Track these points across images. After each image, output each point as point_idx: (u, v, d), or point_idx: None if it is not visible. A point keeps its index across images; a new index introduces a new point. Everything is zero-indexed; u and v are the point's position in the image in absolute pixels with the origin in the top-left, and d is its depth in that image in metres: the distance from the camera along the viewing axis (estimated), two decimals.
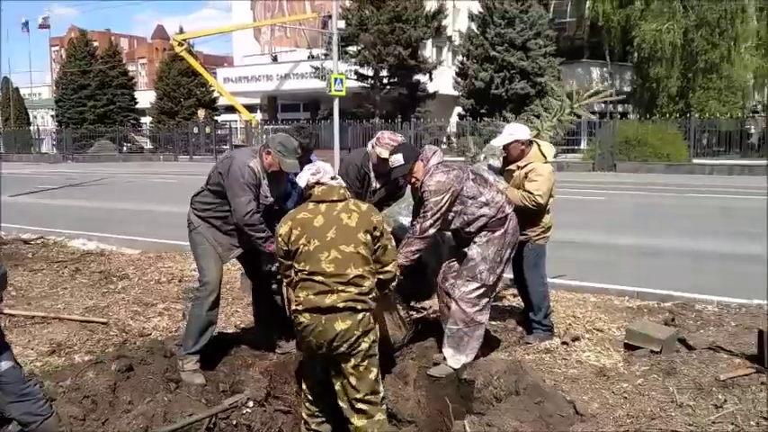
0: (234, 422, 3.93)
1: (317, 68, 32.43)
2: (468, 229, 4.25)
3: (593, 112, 39.29)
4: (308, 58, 37.24)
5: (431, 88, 34.22)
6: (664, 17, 32.04)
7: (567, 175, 21.04)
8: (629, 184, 19.50)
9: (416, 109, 33.71)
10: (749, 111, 33.21)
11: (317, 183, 3.55)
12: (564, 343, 4.97)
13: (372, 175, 4.81)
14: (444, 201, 4.12)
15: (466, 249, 4.30)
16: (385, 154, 4.57)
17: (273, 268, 4.32)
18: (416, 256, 4.23)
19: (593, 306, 6.11)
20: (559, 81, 33.90)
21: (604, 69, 38.56)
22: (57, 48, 72.03)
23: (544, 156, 4.88)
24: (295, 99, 44.84)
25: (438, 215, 4.14)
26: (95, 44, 53.30)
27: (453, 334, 4.29)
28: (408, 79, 33.21)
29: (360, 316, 3.41)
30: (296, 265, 3.47)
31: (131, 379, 4.03)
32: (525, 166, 4.84)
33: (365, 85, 32.98)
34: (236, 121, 45.52)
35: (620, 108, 37.79)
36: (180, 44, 40.29)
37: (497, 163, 5.16)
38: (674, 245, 9.50)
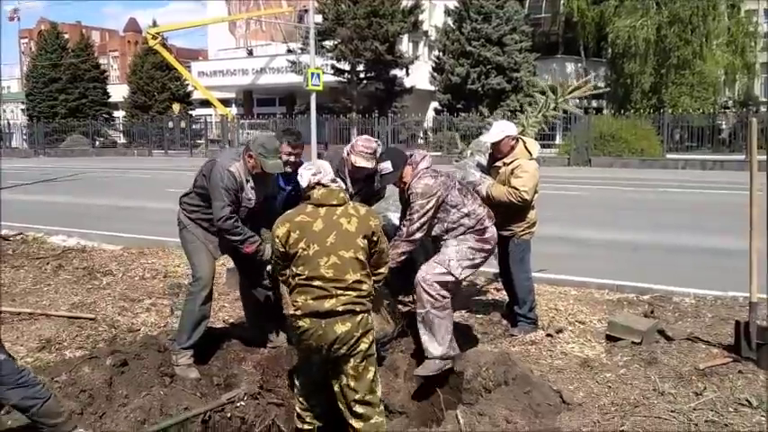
0: (228, 415, 4.01)
1: (293, 63, 32.33)
2: (445, 237, 4.32)
3: (566, 111, 39.80)
4: (286, 52, 37.07)
5: (407, 83, 34.30)
6: (637, 13, 32.51)
7: (543, 170, 20.78)
8: (605, 179, 19.78)
9: (393, 104, 33.78)
10: (720, 106, 33.79)
11: (318, 183, 3.55)
12: (548, 335, 5.10)
13: (348, 181, 4.73)
14: (430, 205, 4.17)
15: (441, 243, 4.37)
16: (360, 162, 4.57)
17: (269, 268, 4.36)
18: (403, 258, 4.29)
19: (575, 299, 6.26)
20: (535, 76, 34.28)
21: (579, 65, 38.93)
22: (26, 40, 70.75)
23: (529, 152, 4.98)
24: (271, 93, 44.63)
25: (425, 219, 4.20)
26: (66, 37, 52.47)
27: (423, 318, 4.27)
28: (385, 74, 33.26)
29: (359, 318, 3.46)
30: (293, 269, 3.49)
31: (126, 374, 4.08)
32: (511, 162, 4.93)
33: (342, 79, 32.96)
34: (210, 115, 45.26)
35: (594, 104, 38.21)
36: (154, 37, 39.86)
37: (483, 160, 5.27)
38: (650, 239, 9.71)
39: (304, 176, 3.60)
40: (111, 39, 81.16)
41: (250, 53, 42.26)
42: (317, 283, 3.42)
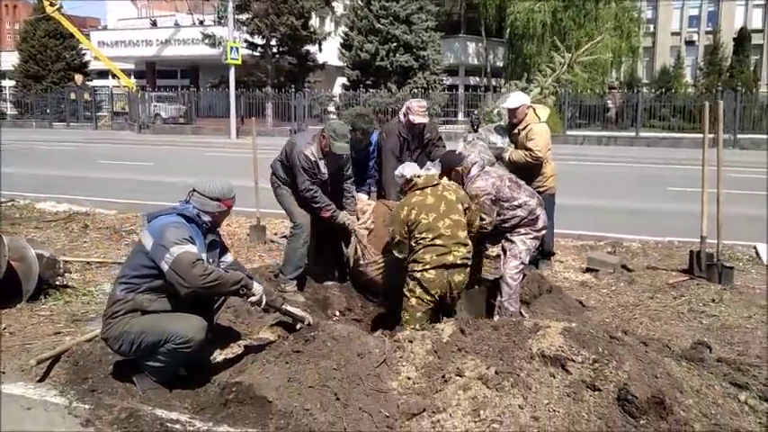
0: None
1: (208, 36, 32.33)
2: (504, 226, 5.17)
3: (468, 86, 42.12)
4: (198, 24, 36.85)
5: (320, 59, 35.10)
6: None
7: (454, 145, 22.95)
8: None
9: (306, 79, 34.53)
10: (608, 87, 36.81)
11: (415, 175, 4.72)
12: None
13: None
14: (485, 201, 4.98)
15: (508, 235, 5.14)
16: (418, 119, 6.03)
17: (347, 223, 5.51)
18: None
19: None
20: (439, 55, 35.98)
21: (480, 45, 41.07)
22: None
23: (538, 117, 6.27)
24: (174, 65, 44.14)
25: (486, 209, 4.96)
26: None
27: (500, 306, 5.06)
28: (299, 49, 33.91)
29: (467, 270, 4.59)
30: (417, 236, 4.53)
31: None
32: (525, 128, 6.17)
33: (255, 53, 33.31)
34: (109, 87, 44.17)
35: (493, 82, 40.50)
36: (52, 4, 38.42)
37: (493, 137, 6.52)
38: (580, 203, 11.42)
39: (407, 173, 4.77)
40: None
41: (154, 24, 41.53)
42: (439, 241, 4.49)
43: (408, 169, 4.87)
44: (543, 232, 5.23)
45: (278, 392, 3.31)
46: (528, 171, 5.99)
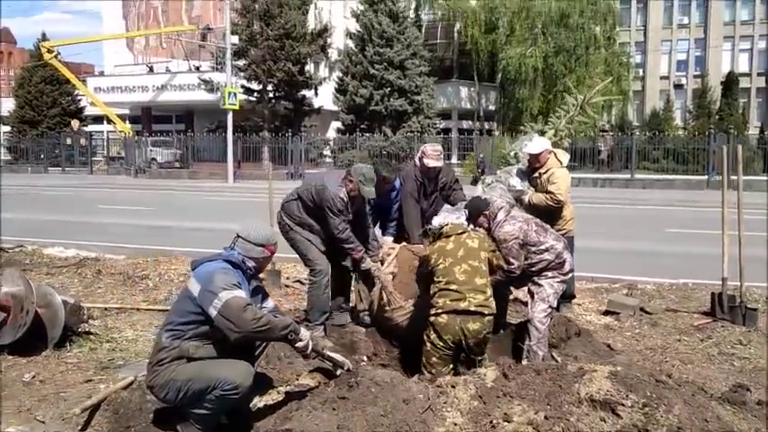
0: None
1: (206, 81, 32.69)
2: (531, 270, 5.18)
3: (461, 130, 42.62)
4: (194, 69, 37.28)
5: (315, 103, 35.51)
6: (527, 43, 35.57)
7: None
8: None
9: (302, 123, 34.89)
10: (599, 130, 37.34)
11: (444, 225, 4.79)
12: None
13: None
14: (516, 246, 5.04)
15: (536, 279, 5.16)
16: (432, 163, 6.10)
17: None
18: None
19: None
20: (432, 99, 36.52)
21: (472, 89, 41.70)
22: None
23: (560, 162, 6.36)
24: (169, 111, 44.52)
25: (514, 254, 5.02)
26: None
27: (528, 350, 5.07)
28: (294, 94, 34.32)
29: (486, 319, 4.52)
30: (435, 280, 4.57)
31: None
32: (546, 171, 6.25)
33: (251, 98, 33.68)
34: (105, 132, 44.42)
35: (486, 125, 41.04)
36: (49, 51, 38.84)
37: (513, 180, 6.59)
38: (586, 244, 11.48)
39: (436, 223, 4.88)
40: None
41: (151, 69, 41.97)
42: (453, 287, 4.50)
43: (438, 219, 4.95)
44: (570, 275, 5.25)
45: None
46: (548, 214, 6.04)
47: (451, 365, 4.65)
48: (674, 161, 29.86)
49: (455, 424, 3.53)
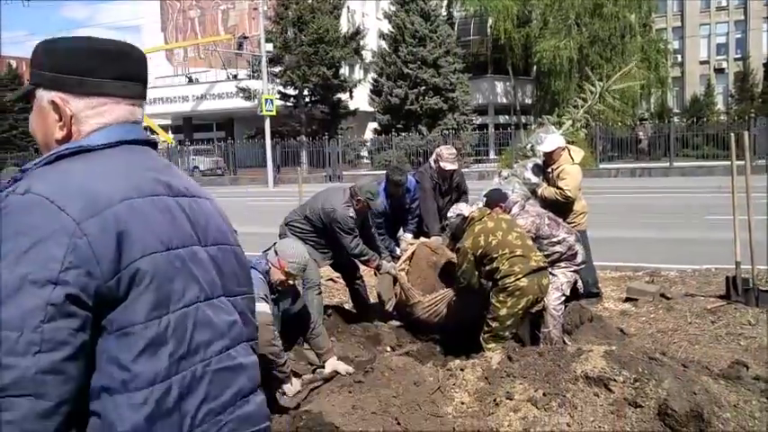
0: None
1: (243, 89, 33.42)
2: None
3: (498, 125, 42.57)
4: (232, 78, 38.09)
5: (351, 106, 35.95)
6: (561, 34, 35.33)
7: (484, 183, 23.27)
8: None
9: (339, 126, 35.35)
10: (637, 118, 36.97)
11: (471, 211, 5.20)
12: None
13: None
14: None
15: (550, 269, 5.28)
16: (448, 165, 6.35)
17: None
18: None
19: None
20: (468, 96, 36.59)
21: (508, 84, 41.63)
22: None
23: (572, 159, 6.57)
24: (209, 119, 45.48)
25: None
26: None
27: (546, 336, 5.33)
28: (330, 97, 34.81)
29: (548, 272, 4.99)
30: (495, 256, 4.83)
31: None
32: (558, 168, 6.51)
33: (288, 104, 34.28)
34: None
35: (522, 119, 40.92)
36: None
37: (528, 174, 6.84)
38: (618, 234, 11.60)
39: (465, 212, 5.22)
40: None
41: (190, 80, 42.99)
42: (518, 252, 4.83)
43: (462, 207, 5.28)
44: (582, 266, 5.56)
45: (344, 419, 3.61)
46: (559, 208, 6.26)
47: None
48: (716, 147, 29.36)
49: (462, 403, 3.83)
